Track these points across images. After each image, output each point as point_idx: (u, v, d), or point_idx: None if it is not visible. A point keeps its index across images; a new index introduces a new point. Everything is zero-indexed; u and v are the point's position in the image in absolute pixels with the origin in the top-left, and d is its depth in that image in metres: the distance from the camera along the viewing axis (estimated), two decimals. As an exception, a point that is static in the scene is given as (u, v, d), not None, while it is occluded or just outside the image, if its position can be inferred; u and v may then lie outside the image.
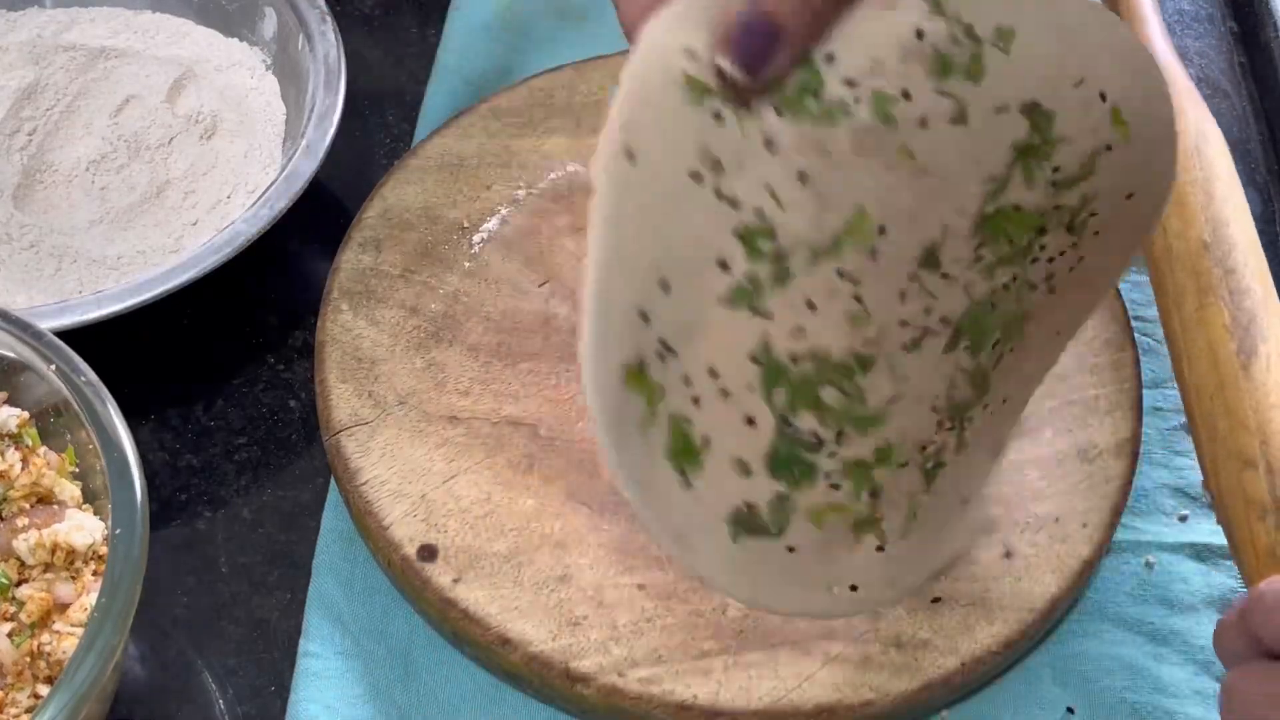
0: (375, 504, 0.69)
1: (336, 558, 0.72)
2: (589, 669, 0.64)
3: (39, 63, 0.89)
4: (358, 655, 0.69)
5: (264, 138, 0.87)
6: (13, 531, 0.61)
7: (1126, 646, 0.71)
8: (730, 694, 0.64)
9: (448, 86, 0.94)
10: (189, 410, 0.79)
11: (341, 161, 0.88)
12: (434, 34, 0.99)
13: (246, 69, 0.91)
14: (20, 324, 0.65)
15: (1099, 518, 0.71)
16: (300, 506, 0.76)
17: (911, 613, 0.67)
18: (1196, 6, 1.05)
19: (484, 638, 0.65)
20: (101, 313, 0.73)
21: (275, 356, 0.82)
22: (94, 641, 0.55)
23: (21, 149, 0.85)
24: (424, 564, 0.67)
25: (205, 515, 0.75)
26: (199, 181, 0.85)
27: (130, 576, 0.57)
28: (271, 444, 0.78)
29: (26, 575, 0.61)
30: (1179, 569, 0.73)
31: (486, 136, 0.85)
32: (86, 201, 0.83)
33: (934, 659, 0.66)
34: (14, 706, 0.57)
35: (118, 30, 0.93)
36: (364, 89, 0.95)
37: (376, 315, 0.77)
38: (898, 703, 0.65)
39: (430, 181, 0.83)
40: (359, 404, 0.73)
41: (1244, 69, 1.01)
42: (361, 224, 0.81)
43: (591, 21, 0.99)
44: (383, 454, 0.71)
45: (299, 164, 0.80)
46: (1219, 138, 0.72)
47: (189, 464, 0.77)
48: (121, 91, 0.88)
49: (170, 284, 0.74)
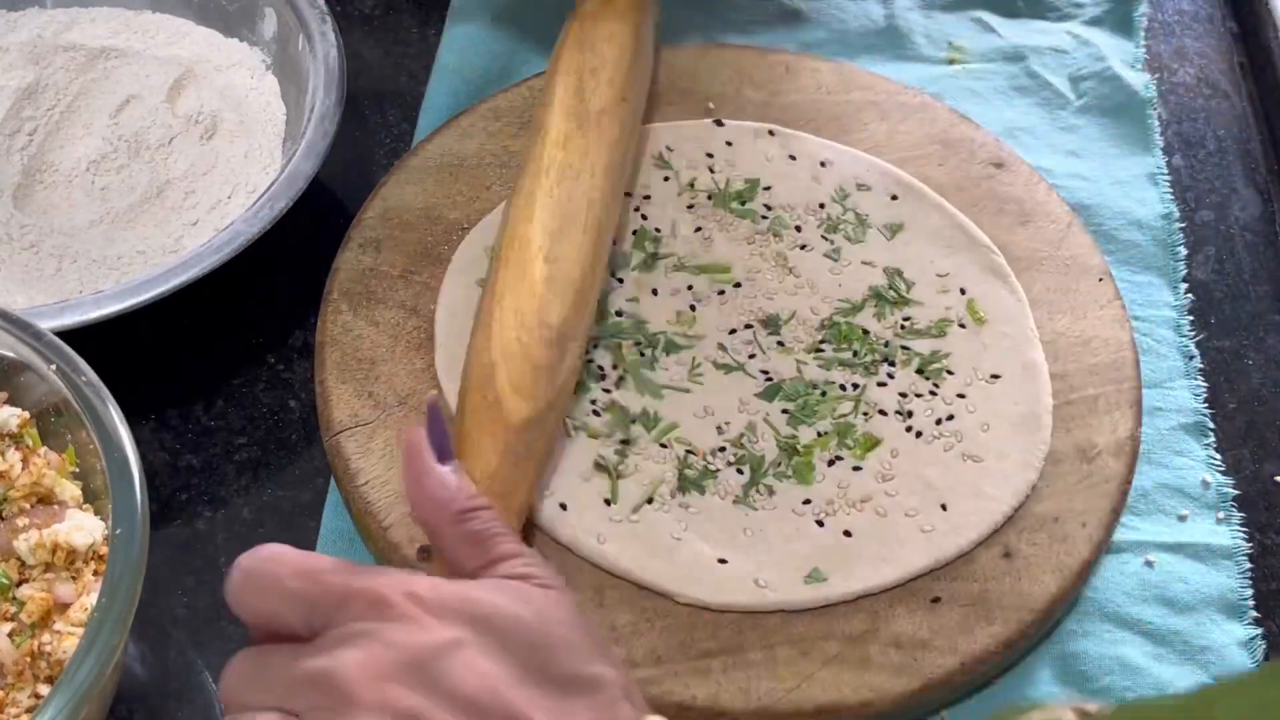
0: (375, 504, 0.69)
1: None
2: (589, 669, 0.64)
3: (39, 63, 0.89)
4: (358, 655, 0.69)
5: (264, 138, 0.87)
6: (13, 531, 0.61)
7: (1126, 646, 0.71)
8: (730, 694, 0.64)
9: (448, 86, 0.94)
10: (189, 410, 0.79)
11: (341, 161, 0.88)
12: (434, 34, 0.99)
13: (246, 69, 0.91)
14: (20, 324, 0.65)
15: (1098, 518, 0.71)
16: (300, 506, 0.76)
17: (911, 613, 0.67)
18: (1196, 6, 1.05)
19: (484, 638, 0.65)
20: (101, 313, 0.73)
21: (275, 356, 0.82)
22: (94, 641, 0.55)
23: (22, 149, 0.85)
24: (424, 564, 0.67)
25: (205, 515, 0.75)
26: (199, 181, 0.85)
27: (130, 576, 0.57)
28: (271, 444, 0.78)
29: (27, 575, 0.61)
30: (1179, 569, 0.73)
31: (486, 136, 0.85)
32: (86, 201, 0.83)
33: (934, 659, 0.66)
34: (14, 706, 0.57)
35: (118, 30, 0.93)
36: (364, 89, 0.95)
37: (376, 316, 0.77)
38: (898, 703, 0.65)
39: (430, 181, 0.83)
40: (359, 404, 0.73)
41: (1244, 69, 1.01)
42: (361, 224, 0.81)
43: (591, 21, 0.99)
44: (383, 454, 0.71)
45: (299, 164, 0.80)
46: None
47: (189, 464, 0.77)
48: (121, 91, 0.88)
49: (170, 284, 0.74)
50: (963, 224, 0.81)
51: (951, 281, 0.79)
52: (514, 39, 0.97)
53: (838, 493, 0.70)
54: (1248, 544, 0.75)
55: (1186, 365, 0.82)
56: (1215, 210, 0.92)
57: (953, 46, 0.99)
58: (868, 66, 0.95)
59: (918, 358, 0.75)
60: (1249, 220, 0.92)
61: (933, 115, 0.88)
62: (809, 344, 0.76)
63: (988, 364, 0.75)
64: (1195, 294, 0.86)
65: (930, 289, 0.79)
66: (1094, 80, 0.96)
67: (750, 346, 0.75)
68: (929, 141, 0.87)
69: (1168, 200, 0.89)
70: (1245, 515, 0.76)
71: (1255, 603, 0.72)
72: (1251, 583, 0.73)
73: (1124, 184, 0.90)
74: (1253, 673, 0.64)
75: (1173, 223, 0.88)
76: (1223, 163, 0.95)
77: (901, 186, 0.83)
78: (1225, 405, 0.81)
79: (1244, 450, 0.80)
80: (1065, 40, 0.99)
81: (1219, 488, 0.77)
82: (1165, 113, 0.97)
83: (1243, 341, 0.85)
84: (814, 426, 0.72)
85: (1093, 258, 0.81)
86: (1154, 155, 0.92)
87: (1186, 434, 0.79)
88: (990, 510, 0.70)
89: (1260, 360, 0.84)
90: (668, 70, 0.89)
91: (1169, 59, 1.01)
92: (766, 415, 0.72)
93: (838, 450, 0.72)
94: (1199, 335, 0.84)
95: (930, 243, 0.81)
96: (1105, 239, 0.87)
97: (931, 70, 0.97)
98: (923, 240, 0.81)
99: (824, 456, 0.71)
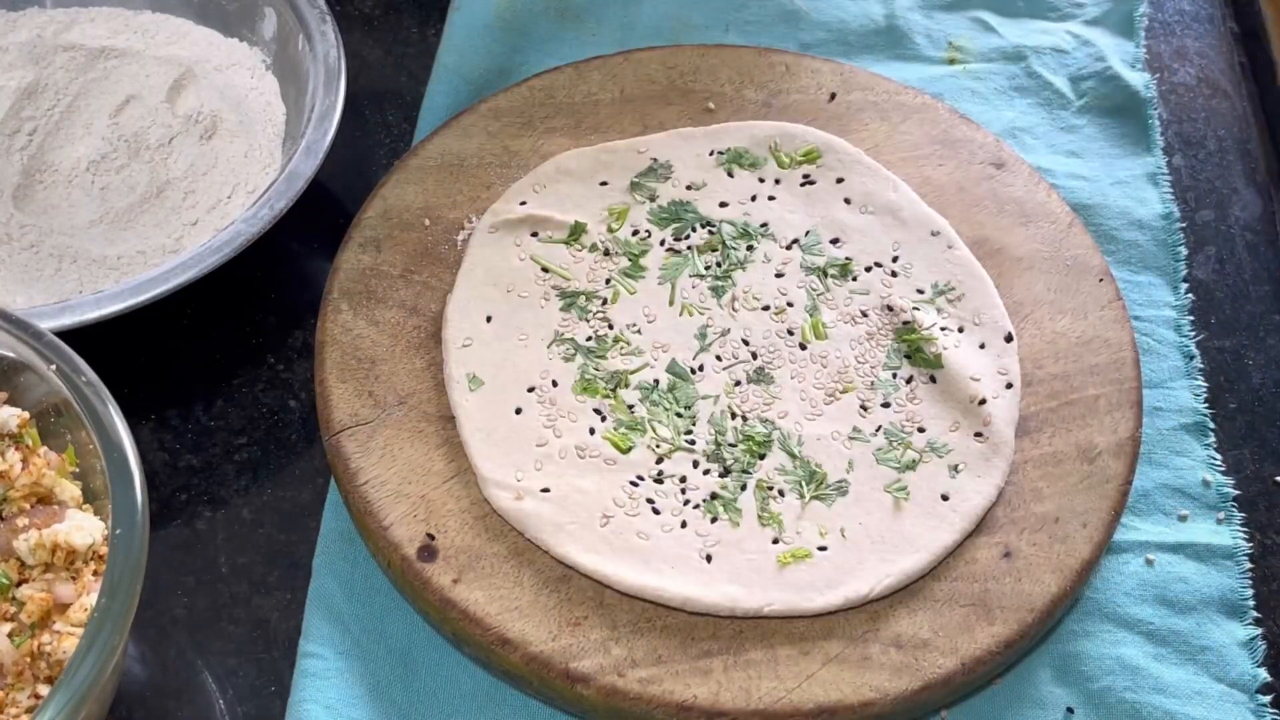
0: (375, 504, 0.69)
1: (336, 558, 0.72)
2: (589, 669, 0.64)
3: (39, 63, 0.89)
4: (358, 655, 0.69)
5: (264, 138, 0.87)
6: (13, 531, 0.61)
7: (1126, 646, 0.71)
8: (730, 694, 0.64)
9: (448, 86, 0.94)
10: (189, 410, 0.79)
11: (341, 161, 0.88)
12: (434, 34, 0.99)
13: (246, 69, 0.91)
14: (20, 324, 0.65)
15: (1099, 518, 0.71)
16: (300, 506, 0.76)
17: (912, 613, 0.67)
18: (1196, 6, 1.05)
19: (484, 638, 0.65)
20: (101, 313, 0.73)
21: (275, 356, 0.82)
22: (94, 641, 0.55)
23: (22, 149, 0.85)
24: (424, 564, 0.67)
25: (205, 515, 0.75)
26: (199, 181, 0.85)
27: (130, 576, 0.57)
28: (271, 444, 0.78)
29: (27, 575, 0.61)
30: (1179, 569, 0.73)
31: (486, 136, 0.85)
32: (86, 201, 0.83)
33: (934, 659, 0.66)
34: (14, 706, 0.57)
35: (118, 30, 0.93)
36: (364, 89, 0.95)
37: (376, 315, 0.77)
38: (898, 703, 0.65)
39: (430, 181, 0.83)
40: (359, 404, 0.73)
41: (1244, 69, 1.01)
42: (361, 224, 0.81)
43: (591, 21, 0.99)
44: (383, 454, 0.71)
45: (299, 164, 0.80)
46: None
47: (189, 464, 0.77)
48: (121, 91, 0.88)
49: (170, 284, 0.74)
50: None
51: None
52: (514, 39, 0.97)
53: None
54: (1248, 544, 0.75)
55: (1187, 365, 0.82)
56: (1215, 210, 0.92)
57: (953, 46, 0.99)
58: (868, 66, 0.95)
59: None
60: (1249, 220, 0.92)
61: (933, 115, 0.88)
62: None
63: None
64: (1196, 294, 0.86)
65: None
66: (1094, 80, 0.96)
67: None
68: (929, 141, 0.87)
69: (1168, 200, 0.89)
70: (1245, 515, 0.76)
71: (1256, 603, 0.72)
72: (1252, 583, 0.73)
73: (1124, 184, 0.90)
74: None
75: (1173, 223, 0.88)
76: (1223, 163, 0.95)
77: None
78: (1225, 405, 0.81)
79: (1244, 450, 0.80)
80: (1065, 40, 0.99)
81: (1219, 488, 0.77)
82: (1165, 113, 0.97)
83: (1243, 341, 0.85)
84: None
85: (1093, 258, 0.81)
86: (1154, 155, 0.92)
87: (1187, 434, 0.79)
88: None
89: (1260, 360, 0.84)
90: (668, 70, 0.89)
91: (1169, 59, 1.01)
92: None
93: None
94: (1199, 335, 0.84)
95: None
96: (1105, 239, 0.87)
97: (931, 70, 0.97)
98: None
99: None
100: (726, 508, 0.70)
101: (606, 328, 0.76)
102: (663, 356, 0.76)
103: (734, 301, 0.78)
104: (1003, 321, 0.78)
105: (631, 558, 0.68)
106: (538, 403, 0.73)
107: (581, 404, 0.73)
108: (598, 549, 0.68)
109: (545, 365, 0.75)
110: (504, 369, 0.74)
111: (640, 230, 0.81)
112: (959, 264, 0.80)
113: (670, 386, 0.74)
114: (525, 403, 0.73)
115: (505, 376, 0.74)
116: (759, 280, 0.79)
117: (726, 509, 0.70)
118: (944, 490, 0.71)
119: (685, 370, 0.75)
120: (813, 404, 0.74)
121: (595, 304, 0.77)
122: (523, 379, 0.74)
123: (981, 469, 0.72)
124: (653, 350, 0.76)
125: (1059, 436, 0.74)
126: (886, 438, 0.73)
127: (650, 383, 0.74)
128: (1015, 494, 0.72)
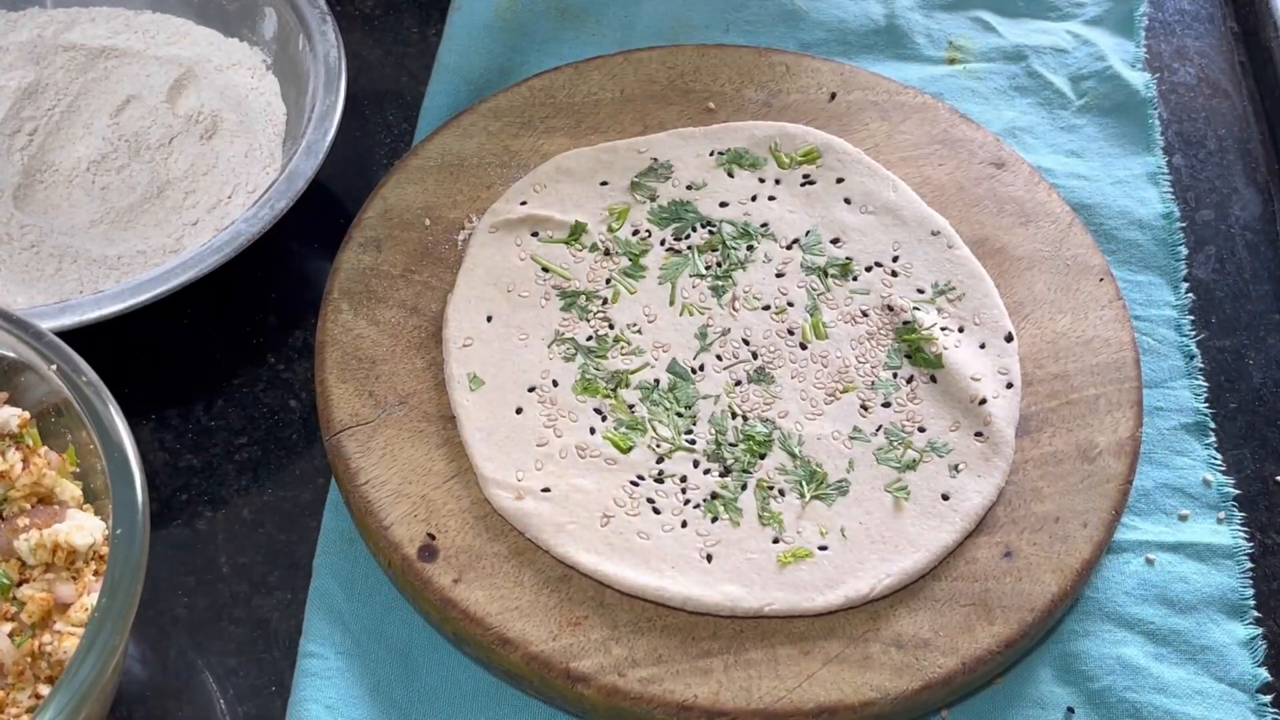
0: (375, 504, 0.69)
1: (336, 558, 0.72)
2: (589, 669, 0.64)
3: (39, 63, 0.89)
4: (358, 655, 0.69)
5: (264, 138, 0.87)
6: (14, 531, 0.61)
7: (1127, 646, 0.71)
8: (730, 694, 0.64)
9: (448, 86, 0.94)
10: (189, 410, 0.79)
11: (342, 161, 0.88)
12: (434, 34, 0.99)
13: (247, 69, 0.91)
14: (20, 324, 0.65)
15: (1099, 518, 0.71)
16: (300, 506, 0.76)
17: (912, 612, 0.67)
18: (1196, 6, 1.05)
19: (484, 638, 0.65)
20: (101, 313, 0.73)
21: (275, 356, 0.82)
22: (94, 641, 0.55)
23: (22, 149, 0.85)
24: (424, 564, 0.67)
25: (205, 515, 0.75)
26: (199, 181, 0.85)
27: (130, 576, 0.57)
28: (271, 444, 0.78)
29: (27, 575, 0.61)
30: (1179, 569, 0.73)
31: (486, 136, 0.85)
32: (87, 201, 0.83)
33: (934, 658, 0.66)
34: (15, 706, 0.57)
35: (118, 30, 0.93)
36: (364, 89, 0.95)
37: (376, 315, 0.77)
38: (898, 702, 0.65)
39: (430, 181, 0.83)
40: (359, 404, 0.73)
41: (1244, 69, 1.01)
42: (361, 224, 0.81)
43: (591, 21, 0.99)
44: (383, 454, 0.71)
45: (299, 164, 0.80)
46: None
47: (189, 464, 0.77)
48: (122, 91, 0.88)
49: (170, 284, 0.74)
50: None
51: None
52: (514, 39, 0.97)
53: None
54: (1248, 544, 0.75)
55: (1187, 365, 0.82)
56: (1216, 210, 0.92)
57: (953, 46, 0.99)
58: (868, 66, 0.95)
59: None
60: (1249, 220, 0.92)
61: (933, 115, 0.88)
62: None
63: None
64: (1196, 294, 0.86)
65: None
66: (1094, 80, 0.96)
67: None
68: (929, 141, 0.87)
69: (1168, 200, 0.89)
70: (1246, 515, 0.76)
71: (1256, 602, 0.72)
72: (1252, 582, 0.73)
73: (1124, 184, 0.90)
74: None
75: (1173, 222, 0.88)
76: (1223, 162, 0.95)
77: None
78: (1226, 405, 0.81)
79: (1244, 450, 0.80)
80: (1066, 40, 0.99)
81: (1220, 487, 0.77)
82: (1165, 112, 0.97)
83: (1243, 341, 0.85)
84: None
85: (1093, 258, 0.81)
86: (1154, 155, 0.92)
87: (1187, 434, 0.79)
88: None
89: (1261, 360, 0.84)
90: (668, 70, 0.89)
91: (1169, 59, 1.01)
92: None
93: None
94: (1200, 335, 0.84)
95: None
96: (1106, 239, 0.87)
97: (931, 70, 0.97)
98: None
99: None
100: (727, 507, 0.70)
101: (607, 327, 0.77)
102: (663, 356, 0.76)
103: (734, 301, 0.78)
104: (1003, 321, 0.78)
105: (632, 557, 0.68)
106: (538, 402, 0.73)
107: (582, 404, 0.73)
108: (598, 549, 0.68)
109: (546, 365, 0.75)
110: (504, 369, 0.74)
111: (640, 230, 0.81)
112: (959, 264, 0.80)
113: (670, 386, 0.74)
114: (526, 402, 0.73)
115: (506, 376, 0.74)
116: (759, 280, 0.79)
117: (727, 509, 0.70)
118: (944, 490, 0.71)
119: (685, 370, 0.75)
120: (813, 404, 0.74)
121: (595, 304, 0.77)
122: (523, 379, 0.74)
123: (982, 469, 0.72)
124: (653, 350, 0.76)
125: (1059, 436, 0.74)
126: (887, 437, 0.73)
127: (651, 382, 0.74)
128: (1015, 494, 0.72)
